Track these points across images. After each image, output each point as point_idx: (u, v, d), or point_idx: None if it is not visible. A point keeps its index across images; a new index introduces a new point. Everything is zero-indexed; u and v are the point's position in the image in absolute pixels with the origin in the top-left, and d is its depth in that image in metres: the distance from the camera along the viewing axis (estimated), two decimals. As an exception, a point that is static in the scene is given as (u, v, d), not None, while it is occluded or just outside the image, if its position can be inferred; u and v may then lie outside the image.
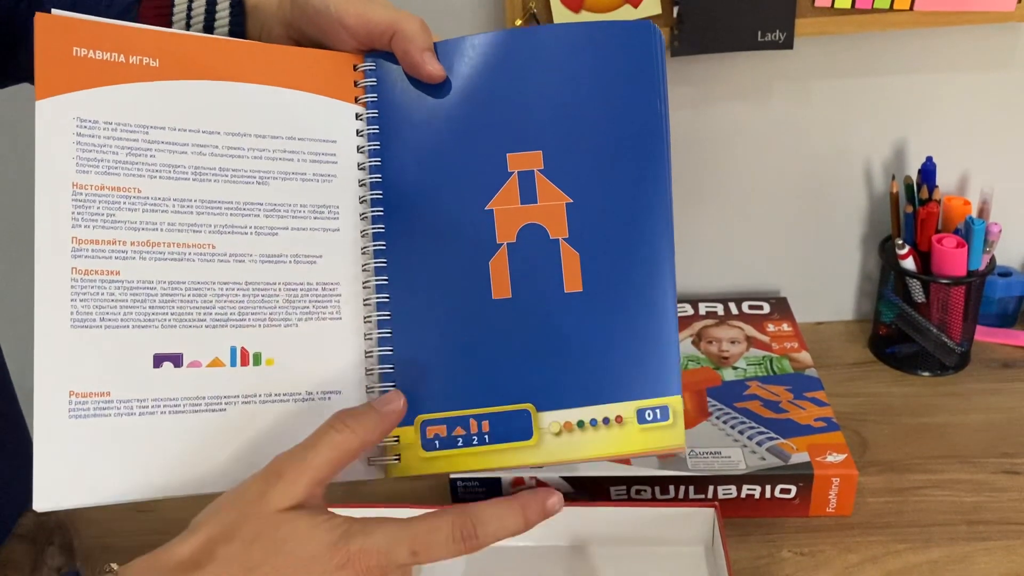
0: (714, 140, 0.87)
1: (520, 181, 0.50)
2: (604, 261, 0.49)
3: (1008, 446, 0.76)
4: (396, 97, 0.51)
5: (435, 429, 0.48)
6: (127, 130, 0.47)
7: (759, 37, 0.78)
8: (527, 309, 0.49)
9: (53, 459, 0.44)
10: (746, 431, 0.73)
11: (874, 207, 0.91)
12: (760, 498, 0.69)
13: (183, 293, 0.47)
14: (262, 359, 0.48)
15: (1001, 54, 0.82)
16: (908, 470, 0.74)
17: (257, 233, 0.49)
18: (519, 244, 0.49)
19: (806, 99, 0.85)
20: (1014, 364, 0.86)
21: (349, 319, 0.50)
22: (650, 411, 0.47)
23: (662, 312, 0.48)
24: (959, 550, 0.66)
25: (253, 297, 0.48)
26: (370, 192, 0.50)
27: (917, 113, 0.86)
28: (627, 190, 0.49)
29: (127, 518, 0.74)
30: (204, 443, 0.47)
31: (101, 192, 0.47)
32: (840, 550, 0.66)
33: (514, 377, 0.48)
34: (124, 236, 0.47)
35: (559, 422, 0.48)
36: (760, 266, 0.95)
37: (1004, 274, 0.90)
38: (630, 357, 0.48)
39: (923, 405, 0.81)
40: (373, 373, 0.49)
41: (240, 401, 0.47)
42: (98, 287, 0.46)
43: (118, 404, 0.46)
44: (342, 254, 0.50)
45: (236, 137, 0.49)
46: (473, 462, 0.48)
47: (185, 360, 0.47)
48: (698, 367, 0.82)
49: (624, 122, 0.50)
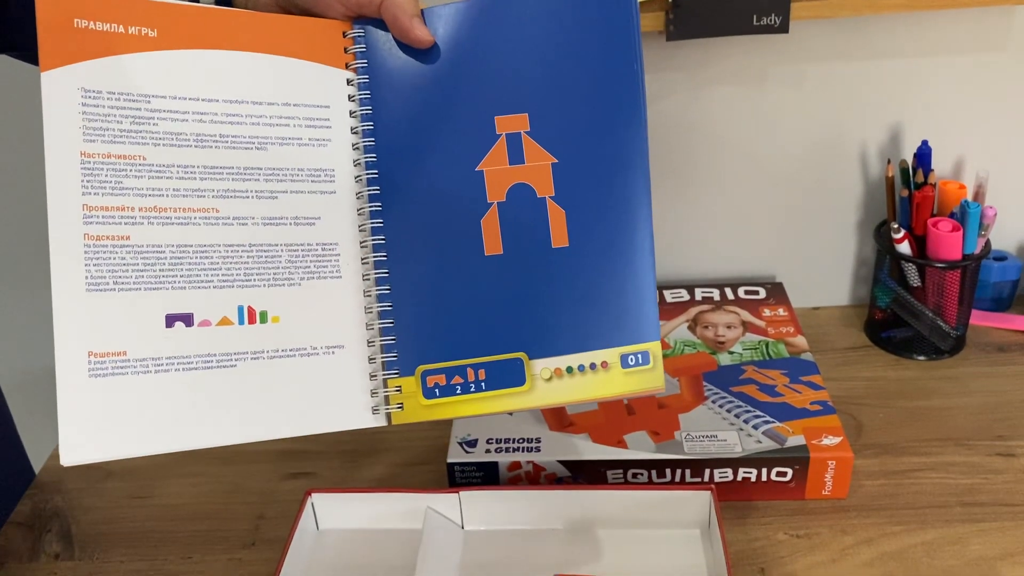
0: (709, 125, 0.87)
1: (508, 143, 0.52)
2: (588, 217, 0.52)
3: (1002, 429, 0.76)
4: (386, 63, 0.53)
5: (435, 378, 0.51)
6: (130, 99, 0.49)
7: (754, 21, 0.77)
8: (517, 264, 0.52)
9: (76, 416, 0.47)
10: (742, 415, 0.73)
11: (870, 191, 0.91)
12: (756, 481, 0.69)
13: (191, 256, 0.50)
14: (268, 317, 0.51)
15: (996, 37, 0.82)
16: (903, 453, 0.74)
17: (258, 197, 0.51)
18: (508, 203, 0.52)
19: (801, 83, 0.85)
20: (1009, 348, 0.86)
21: (349, 277, 0.52)
22: (633, 356, 0.51)
23: (641, 264, 0.52)
24: (954, 531, 0.66)
25: (257, 258, 0.51)
26: (364, 156, 0.53)
27: (912, 97, 0.86)
28: (608, 150, 0.52)
29: (125, 505, 0.74)
30: (217, 397, 0.49)
31: (108, 160, 0.48)
32: (836, 532, 0.67)
33: (507, 328, 0.52)
34: (132, 202, 0.49)
35: (550, 368, 0.51)
36: (756, 251, 0.95)
37: (999, 258, 0.90)
38: (613, 307, 0.51)
39: (918, 389, 0.82)
40: (373, 328, 0.52)
41: (249, 357, 0.50)
42: (110, 252, 0.48)
43: (134, 363, 0.48)
44: (340, 216, 0.52)
45: (234, 104, 0.51)
46: (471, 408, 0.51)
47: (196, 319, 0.49)
48: (694, 352, 0.82)
49: (604, 84, 0.52)
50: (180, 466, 0.78)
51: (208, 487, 0.76)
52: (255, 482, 0.76)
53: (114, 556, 0.70)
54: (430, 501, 0.66)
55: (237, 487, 0.75)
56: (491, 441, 0.72)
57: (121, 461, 0.78)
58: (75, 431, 0.47)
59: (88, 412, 0.47)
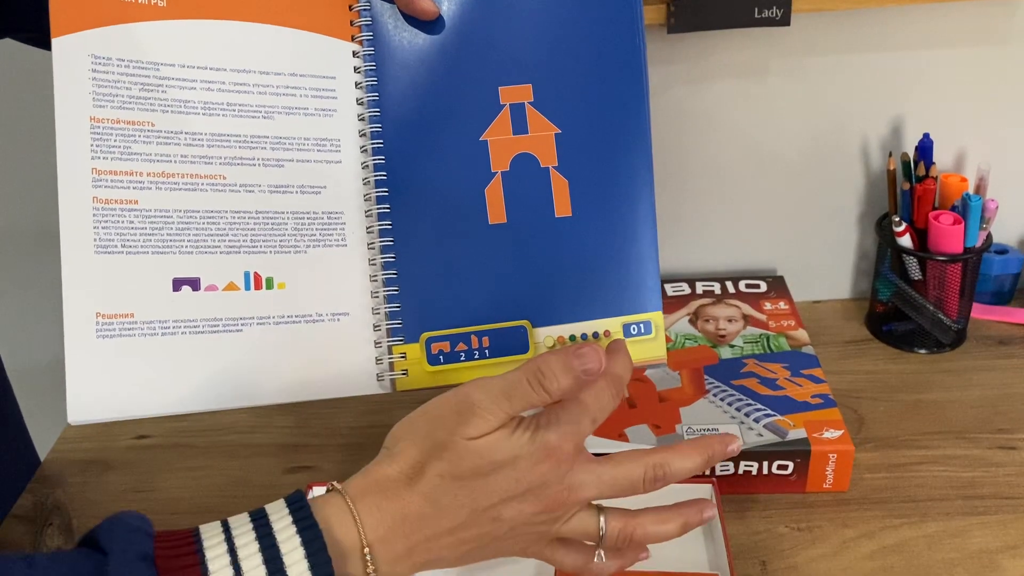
0: (710, 118, 0.87)
1: (512, 113, 0.53)
2: (591, 188, 0.53)
3: (1004, 422, 0.76)
4: (391, 34, 0.53)
5: (439, 345, 0.52)
6: (139, 67, 0.50)
7: (756, 14, 0.77)
8: (521, 233, 0.52)
9: (84, 375, 0.48)
10: (743, 408, 0.73)
11: (871, 184, 0.90)
12: (757, 474, 0.69)
13: (198, 221, 0.50)
14: (274, 283, 0.51)
15: (998, 30, 0.82)
16: (904, 446, 0.74)
17: (264, 165, 0.52)
18: (512, 172, 0.53)
19: (803, 76, 0.85)
20: (1010, 341, 0.86)
21: (354, 245, 0.53)
22: (635, 325, 0.52)
23: (644, 234, 0.52)
24: (955, 525, 0.66)
25: (263, 225, 0.51)
26: (369, 126, 0.53)
27: (914, 90, 0.85)
28: (610, 121, 0.53)
29: (126, 500, 0.74)
30: (223, 361, 0.50)
31: (117, 126, 0.49)
32: (837, 525, 0.67)
33: (510, 296, 0.52)
34: (140, 167, 0.49)
35: (553, 337, 0.52)
36: (757, 245, 0.94)
37: (1000, 251, 0.90)
38: (616, 276, 0.52)
39: (919, 382, 0.81)
40: (379, 295, 0.53)
41: (255, 322, 0.51)
42: (118, 215, 0.49)
43: (142, 325, 0.49)
44: (345, 184, 0.53)
45: (241, 74, 0.52)
46: (474, 375, 0.52)
47: (202, 284, 0.50)
48: (695, 345, 0.82)
49: (607, 55, 0.53)
50: (181, 460, 0.78)
51: (210, 481, 0.76)
52: (257, 476, 0.76)
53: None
54: (431, 495, 0.66)
55: (238, 481, 0.75)
56: (492, 435, 0.72)
57: (122, 455, 0.78)
58: (82, 390, 0.47)
59: (95, 372, 0.48)
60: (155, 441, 0.80)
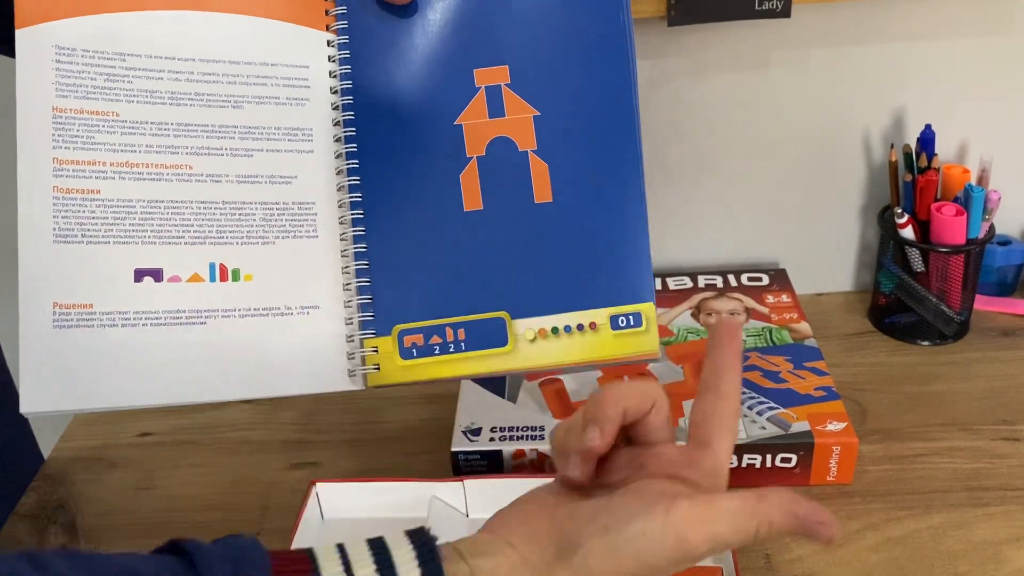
0: (711, 110, 0.87)
1: (488, 95, 0.51)
2: (573, 172, 0.50)
3: (1007, 413, 0.76)
4: (366, 22, 0.52)
5: (412, 338, 0.50)
6: (104, 57, 0.49)
7: (756, 5, 0.77)
8: (499, 220, 0.50)
9: (38, 366, 0.46)
10: (747, 401, 0.73)
11: (873, 176, 0.90)
12: (761, 467, 0.69)
13: (162, 211, 0.49)
14: (240, 275, 0.50)
15: (1000, 20, 0.82)
16: (908, 438, 0.74)
17: (232, 154, 0.51)
18: (488, 157, 0.51)
19: (804, 68, 0.85)
20: (1013, 333, 0.86)
21: (325, 237, 0.51)
22: (623, 317, 0.49)
23: (633, 220, 0.50)
24: (959, 516, 0.66)
25: (230, 216, 0.50)
26: (342, 114, 0.52)
27: (916, 81, 0.85)
28: (594, 103, 0.51)
29: (130, 496, 0.74)
30: (185, 354, 0.48)
31: (80, 116, 0.48)
32: (841, 518, 0.67)
33: (488, 286, 0.50)
34: (103, 157, 0.48)
35: (534, 329, 0.49)
36: (759, 237, 0.94)
37: (1003, 243, 0.90)
38: (602, 264, 0.49)
39: (923, 374, 0.81)
40: (350, 287, 0.51)
41: (220, 315, 0.49)
42: (79, 204, 0.48)
43: (100, 316, 0.47)
44: (317, 175, 0.52)
45: (210, 63, 0.51)
46: (450, 369, 0.50)
47: (165, 275, 0.49)
48: (698, 339, 0.82)
49: (588, 34, 0.51)
50: (184, 457, 0.78)
51: (213, 477, 0.76)
52: (260, 472, 0.76)
53: (119, 547, 0.70)
54: (434, 490, 0.66)
55: (242, 477, 0.75)
56: (495, 429, 0.72)
57: (125, 452, 0.78)
58: (35, 381, 0.46)
59: (51, 363, 0.46)
60: (158, 438, 0.80)
